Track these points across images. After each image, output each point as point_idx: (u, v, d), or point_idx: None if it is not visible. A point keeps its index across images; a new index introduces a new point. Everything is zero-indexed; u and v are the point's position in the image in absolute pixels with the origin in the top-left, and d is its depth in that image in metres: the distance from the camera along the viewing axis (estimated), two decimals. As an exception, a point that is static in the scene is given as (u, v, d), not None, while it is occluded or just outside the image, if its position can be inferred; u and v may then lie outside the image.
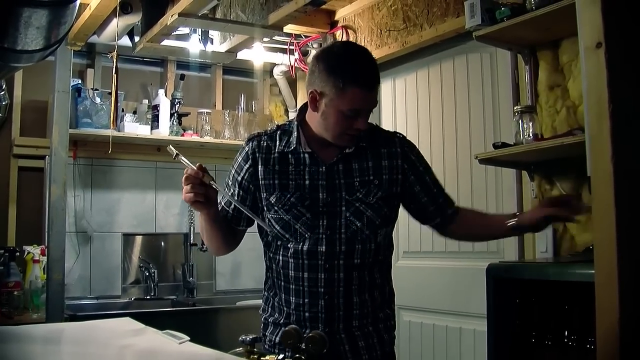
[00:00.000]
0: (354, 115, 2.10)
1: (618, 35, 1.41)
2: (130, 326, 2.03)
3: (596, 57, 1.40)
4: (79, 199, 4.35)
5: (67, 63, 3.85)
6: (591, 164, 1.45)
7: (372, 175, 2.21)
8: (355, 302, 2.19)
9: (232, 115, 4.78)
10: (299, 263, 2.19)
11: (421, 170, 2.29)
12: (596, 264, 1.44)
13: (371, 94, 2.11)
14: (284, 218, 2.19)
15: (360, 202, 2.18)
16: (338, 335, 2.18)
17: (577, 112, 2.84)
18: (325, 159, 2.21)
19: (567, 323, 2.24)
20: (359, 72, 2.10)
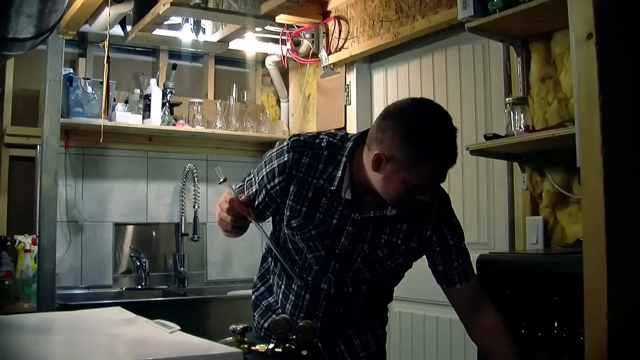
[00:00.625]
0: (420, 189, 1.91)
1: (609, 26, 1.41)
2: (121, 315, 2.03)
3: (587, 48, 1.40)
4: (71, 188, 4.34)
5: (59, 52, 3.83)
6: (581, 155, 1.45)
7: (401, 239, 2.05)
8: (354, 321, 2.18)
9: (223, 105, 4.77)
10: (302, 286, 2.11)
11: (450, 244, 2.09)
12: (585, 255, 1.44)
13: (445, 171, 1.92)
14: (299, 244, 2.07)
15: (378, 263, 2.07)
16: (337, 348, 2.17)
17: (569, 104, 2.85)
18: (364, 205, 2.02)
19: (557, 314, 2.25)
20: (440, 149, 1.88)
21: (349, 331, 2.18)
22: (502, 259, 2.56)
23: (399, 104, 1.96)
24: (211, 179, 4.81)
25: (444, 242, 2.08)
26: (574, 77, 1.51)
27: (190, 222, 4.65)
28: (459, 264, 2.09)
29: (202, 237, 4.70)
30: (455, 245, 2.09)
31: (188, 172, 4.66)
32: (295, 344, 1.74)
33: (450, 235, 2.09)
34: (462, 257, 2.10)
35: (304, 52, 4.54)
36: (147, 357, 1.45)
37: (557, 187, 2.89)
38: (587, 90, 1.40)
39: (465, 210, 3.47)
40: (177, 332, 1.69)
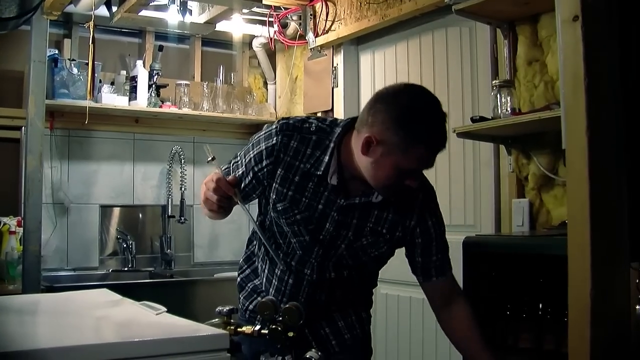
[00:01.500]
0: (409, 173, 1.92)
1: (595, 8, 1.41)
2: (107, 297, 2.03)
3: (573, 30, 1.40)
4: (56, 170, 4.32)
5: (43, 33, 3.79)
6: (567, 137, 1.46)
7: (386, 229, 2.06)
8: (338, 311, 2.18)
9: (210, 87, 4.75)
10: (286, 270, 2.11)
11: (432, 237, 2.11)
12: (569, 238, 1.45)
13: (434, 156, 1.93)
14: (284, 229, 2.07)
15: (362, 251, 2.08)
16: (322, 330, 2.16)
17: (555, 87, 2.85)
18: (349, 193, 2.03)
19: (541, 296, 2.26)
20: (432, 132, 1.90)
21: (333, 314, 2.18)
22: (488, 241, 2.57)
23: (391, 89, 1.96)
24: (198, 161, 4.80)
25: (426, 235, 2.10)
26: (559, 59, 1.51)
27: (177, 204, 4.64)
28: (438, 258, 2.12)
29: (189, 219, 4.69)
30: (436, 239, 2.11)
31: (175, 154, 4.64)
32: (282, 325, 1.75)
33: (434, 228, 2.11)
34: (441, 252, 2.13)
35: (291, 34, 4.52)
36: (133, 339, 1.45)
37: (543, 169, 2.90)
38: (573, 73, 1.41)
39: (451, 192, 3.48)
40: (164, 314, 1.69)
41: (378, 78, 4.06)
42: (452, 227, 3.40)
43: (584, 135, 1.38)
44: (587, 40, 1.37)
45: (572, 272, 1.43)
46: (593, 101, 1.38)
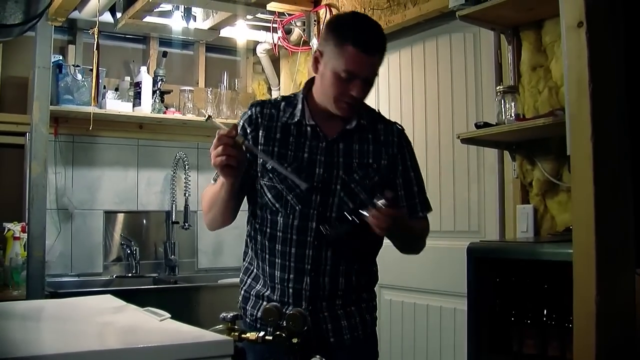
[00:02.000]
0: (349, 79, 2.08)
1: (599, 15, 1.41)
2: (111, 303, 2.02)
3: (577, 36, 1.40)
4: (60, 176, 4.32)
5: (48, 39, 3.80)
6: (571, 143, 1.46)
7: (371, 159, 2.21)
8: (341, 282, 2.19)
9: (214, 93, 4.76)
10: (288, 238, 2.17)
11: (409, 165, 2.28)
12: (574, 243, 1.45)
13: (368, 59, 2.08)
14: (278, 187, 2.17)
15: (356, 184, 2.18)
16: (321, 314, 2.17)
17: (559, 93, 2.85)
18: (327, 133, 2.20)
19: (546, 302, 2.26)
20: (358, 32, 2.09)
21: (338, 311, 2.19)
22: (492, 247, 2.57)
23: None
24: (202, 167, 4.80)
25: (404, 161, 2.27)
26: (564, 65, 1.51)
27: (181, 210, 4.63)
28: (420, 191, 2.30)
29: (193, 225, 4.69)
30: (413, 169, 2.29)
31: (179, 160, 4.65)
32: (286, 331, 1.74)
33: (410, 158, 2.30)
34: (420, 187, 2.31)
35: (295, 40, 4.53)
36: (137, 345, 1.45)
37: (548, 175, 2.89)
38: (578, 79, 1.41)
39: (456, 198, 3.48)
40: (168, 320, 1.69)
41: (382, 84, 4.06)
42: (456, 233, 3.42)
43: (588, 141, 1.37)
44: (592, 46, 1.37)
45: (577, 278, 1.43)
46: (598, 107, 1.38)
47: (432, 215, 3.53)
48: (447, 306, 3.45)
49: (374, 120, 2.29)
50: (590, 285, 1.37)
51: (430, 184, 3.59)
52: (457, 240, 3.34)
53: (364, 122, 2.23)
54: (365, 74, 2.10)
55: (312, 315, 2.10)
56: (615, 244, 1.45)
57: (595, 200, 1.37)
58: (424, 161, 3.63)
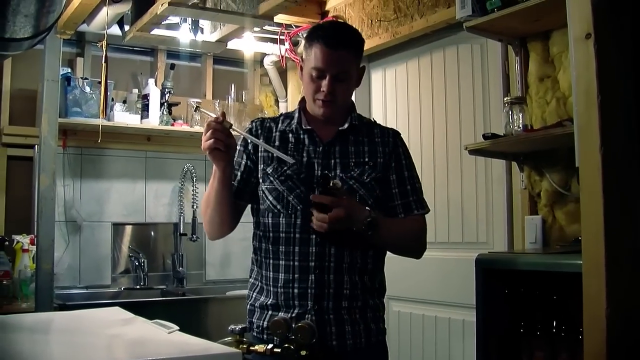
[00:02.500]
0: (319, 77, 2.19)
1: (607, 26, 1.41)
2: (119, 316, 2.03)
3: (585, 47, 1.40)
4: (69, 188, 4.33)
5: (57, 52, 3.82)
6: (580, 154, 1.45)
7: (367, 157, 2.26)
8: (346, 280, 2.19)
9: (222, 105, 4.77)
10: (291, 237, 2.20)
11: (403, 164, 2.31)
12: (584, 254, 1.45)
13: (333, 53, 2.17)
14: (279, 189, 2.23)
15: (354, 181, 2.21)
16: (326, 315, 2.17)
17: (567, 104, 2.84)
18: (323, 137, 2.27)
19: (555, 313, 2.25)
20: (323, 31, 2.23)
21: (343, 315, 2.18)
22: (500, 259, 2.56)
23: None
24: (209, 179, 4.80)
25: (398, 159, 2.30)
26: (572, 76, 1.51)
27: (188, 222, 4.64)
28: (413, 190, 2.30)
29: (201, 237, 4.69)
30: (407, 168, 2.31)
31: (186, 172, 4.66)
32: (294, 344, 1.74)
33: (404, 157, 2.32)
34: (414, 185, 2.31)
35: (302, 52, 4.53)
36: (145, 358, 1.45)
37: (556, 186, 2.89)
38: (586, 90, 1.40)
39: (464, 209, 3.47)
40: (176, 332, 1.69)
41: (389, 95, 4.07)
42: (464, 244, 3.42)
43: (597, 152, 1.37)
44: (600, 57, 1.37)
45: (587, 289, 1.42)
46: (606, 118, 1.38)
47: (440, 227, 3.57)
48: (455, 317, 3.44)
49: (370, 125, 2.37)
50: (600, 297, 1.37)
51: (438, 195, 3.60)
52: (465, 251, 3.33)
53: (356, 123, 2.30)
54: (332, 69, 2.18)
55: (317, 316, 2.14)
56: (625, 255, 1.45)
57: (604, 211, 1.37)
58: (432, 172, 3.63)
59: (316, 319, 2.13)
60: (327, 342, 2.15)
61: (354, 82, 2.29)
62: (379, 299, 2.31)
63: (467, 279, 2.61)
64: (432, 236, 3.59)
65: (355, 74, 2.28)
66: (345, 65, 2.20)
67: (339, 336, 2.17)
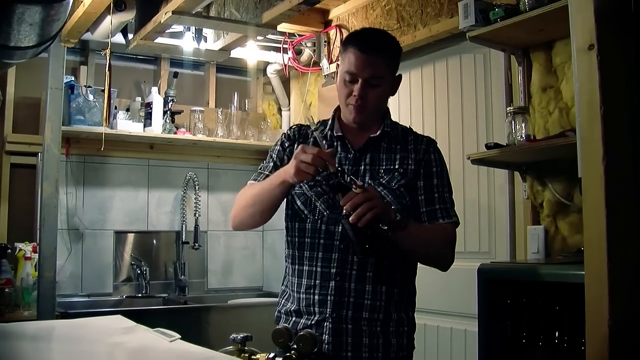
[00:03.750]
0: (352, 81, 2.17)
1: (610, 37, 1.41)
2: (121, 324, 2.03)
3: (588, 58, 1.40)
4: (71, 196, 4.34)
5: (60, 60, 3.83)
6: (582, 165, 1.45)
7: (397, 165, 2.23)
8: (368, 290, 2.15)
9: (225, 113, 4.78)
10: (315, 242, 2.20)
11: (433, 171, 2.25)
12: (586, 265, 1.44)
13: (367, 58, 2.15)
14: (307, 194, 2.23)
15: (382, 187, 2.18)
16: (344, 325, 2.13)
17: (570, 114, 2.85)
18: (354, 144, 2.27)
19: (558, 324, 2.24)
20: (359, 35, 2.27)
21: (363, 327, 2.14)
22: (503, 269, 2.56)
23: None
24: (212, 187, 4.81)
25: (428, 166, 2.26)
26: (575, 87, 1.51)
27: (191, 231, 4.64)
28: (441, 198, 2.25)
29: (203, 246, 4.70)
30: (438, 175, 2.26)
31: (189, 180, 4.66)
32: (296, 353, 1.74)
33: (436, 163, 2.28)
34: (443, 194, 2.26)
35: (305, 61, 4.55)
36: (147, 366, 1.45)
37: (558, 196, 2.89)
38: (589, 101, 1.40)
39: (466, 219, 3.46)
40: (178, 341, 1.69)
41: (392, 104, 4.05)
42: (466, 254, 3.41)
43: (600, 163, 1.37)
44: (603, 68, 1.37)
45: (590, 301, 1.41)
46: (609, 129, 1.38)
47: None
48: (457, 327, 3.43)
49: (405, 132, 2.33)
50: (603, 308, 1.36)
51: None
52: (467, 261, 3.32)
53: (387, 130, 2.27)
54: (365, 74, 2.16)
55: (334, 324, 2.12)
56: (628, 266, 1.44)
57: (607, 222, 1.36)
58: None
59: (333, 327, 2.12)
60: (342, 353, 2.13)
61: (388, 89, 2.25)
62: (405, 313, 2.25)
63: (469, 288, 2.61)
64: (435, 246, 3.59)
65: (389, 80, 2.23)
66: (378, 70, 2.17)
67: (355, 348, 2.14)
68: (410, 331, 2.26)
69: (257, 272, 4.93)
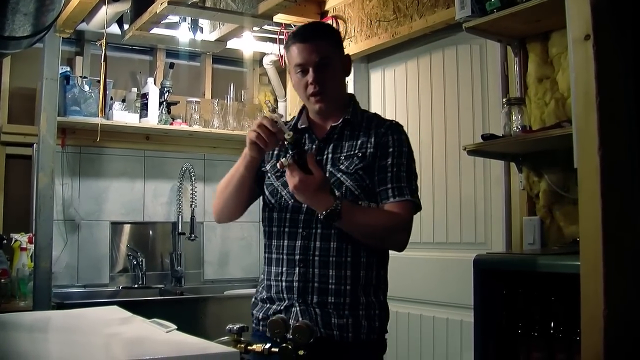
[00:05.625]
0: (303, 72, 2.27)
1: (606, 27, 1.41)
2: (117, 315, 2.02)
3: (584, 49, 1.40)
4: (67, 187, 4.33)
5: (56, 50, 3.82)
6: (578, 156, 1.46)
7: (357, 150, 2.28)
8: (331, 275, 2.20)
9: (221, 104, 4.77)
10: (281, 231, 2.29)
11: (389, 151, 2.27)
12: (582, 256, 1.45)
13: (308, 46, 2.25)
14: (274, 184, 2.32)
15: (341, 173, 2.24)
16: (312, 309, 2.19)
17: (566, 105, 2.84)
18: (318, 135, 2.35)
19: (553, 314, 2.25)
20: (295, 32, 2.37)
21: (330, 310, 2.18)
22: (499, 259, 2.56)
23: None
24: (208, 178, 4.80)
25: (385, 147, 2.27)
26: (571, 78, 1.51)
27: (187, 222, 4.64)
28: (395, 178, 2.24)
29: (199, 237, 4.70)
30: (394, 156, 2.26)
31: (185, 171, 4.66)
32: (292, 343, 1.74)
33: (394, 144, 2.28)
34: (398, 174, 2.25)
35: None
36: (143, 357, 1.45)
37: (554, 187, 2.89)
38: (585, 91, 1.41)
39: (462, 210, 3.47)
40: (174, 332, 1.69)
41: (388, 95, 4.07)
42: (462, 245, 3.42)
43: (595, 154, 1.37)
44: (599, 59, 1.37)
45: (585, 291, 1.42)
46: (605, 120, 1.38)
47: (439, 227, 3.57)
48: (453, 318, 3.44)
49: (370, 119, 2.38)
50: (598, 298, 1.37)
51: (437, 195, 3.60)
52: (463, 252, 3.33)
53: (348, 117, 2.32)
54: (312, 60, 2.25)
55: (301, 308, 2.20)
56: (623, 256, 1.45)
57: (602, 212, 1.37)
58: (430, 172, 3.63)
59: (301, 311, 2.19)
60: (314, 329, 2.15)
61: (339, 70, 2.34)
62: (375, 296, 2.26)
63: (465, 279, 2.62)
64: (430, 236, 3.60)
65: (338, 61, 2.32)
66: (323, 52, 2.26)
67: (325, 327, 2.18)
68: (382, 315, 2.29)
69: (254, 263, 4.93)
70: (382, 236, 2.24)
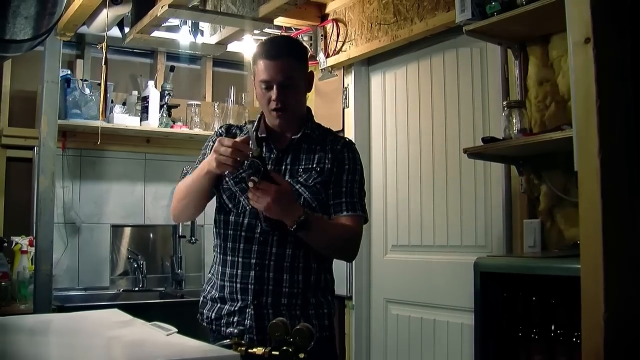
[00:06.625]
0: (267, 88, 2.32)
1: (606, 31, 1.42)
2: (118, 317, 2.02)
3: (584, 52, 1.40)
4: (68, 189, 4.33)
5: (56, 53, 3.83)
6: (578, 159, 1.46)
7: (315, 163, 2.38)
8: (285, 279, 2.32)
9: (221, 107, 4.77)
10: (237, 234, 2.36)
11: (345, 168, 2.40)
12: (582, 259, 1.45)
13: (275, 64, 2.29)
14: (232, 189, 2.39)
15: (300, 185, 2.34)
16: (265, 310, 2.30)
17: (566, 107, 2.84)
18: (277, 145, 2.42)
19: (553, 317, 2.25)
20: (263, 45, 2.37)
21: (282, 312, 2.27)
22: (499, 262, 2.56)
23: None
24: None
25: (341, 164, 2.40)
26: (571, 81, 1.51)
27: (187, 225, 4.63)
28: (348, 193, 2.37)
29: (200, 239, 4.69)
30: (349, 172, 2.40)
31: (185, 174, 4.65)
32: (293, 346, 1.74)
33: (348, 161, 2.41)
34: (352, 190, 2.38)
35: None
36: (143, 360, 1.45)
37: (555, 190, 2.89)
38: (585, 94, 1.41)
39: (462, 213, 3.47)
40: (174, 335, 1.69)
41: (389, 98, 4.07)
42: (463, 248, 3.42)
43: (596, 157, 1.37)
44: (599, 62, 1.38)
45: (585, 295, 1.42)
46: (605, 123, 1.38)
47: (439, 230, 3.57)
48: (454, 321, 3.44)
49: (324, 134, 2.49)
50: (599, 301, 1.37)
51: (437, 198, 3.60)
52: (463, 255, 3.33)
53: (308, 132, 2.42)
54: (277, 78, 2.30)
55: (256, 310, 2.29)
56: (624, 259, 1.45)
57: (602, 215, 1.37)
58: (431, 175, 3.63)
59: (255, 313, 2.29)
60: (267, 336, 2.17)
61: (302, 88, 2.40)
62: (323, 297, 2.40)
63: (465, 282, 2.62)
64: (431, 239, 3.60)
65: (302, 80, 2.38)
66: (289, 72, 2.31)
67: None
68: (329, 313, 2.42)
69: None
70: (338, 246, 2.39)
